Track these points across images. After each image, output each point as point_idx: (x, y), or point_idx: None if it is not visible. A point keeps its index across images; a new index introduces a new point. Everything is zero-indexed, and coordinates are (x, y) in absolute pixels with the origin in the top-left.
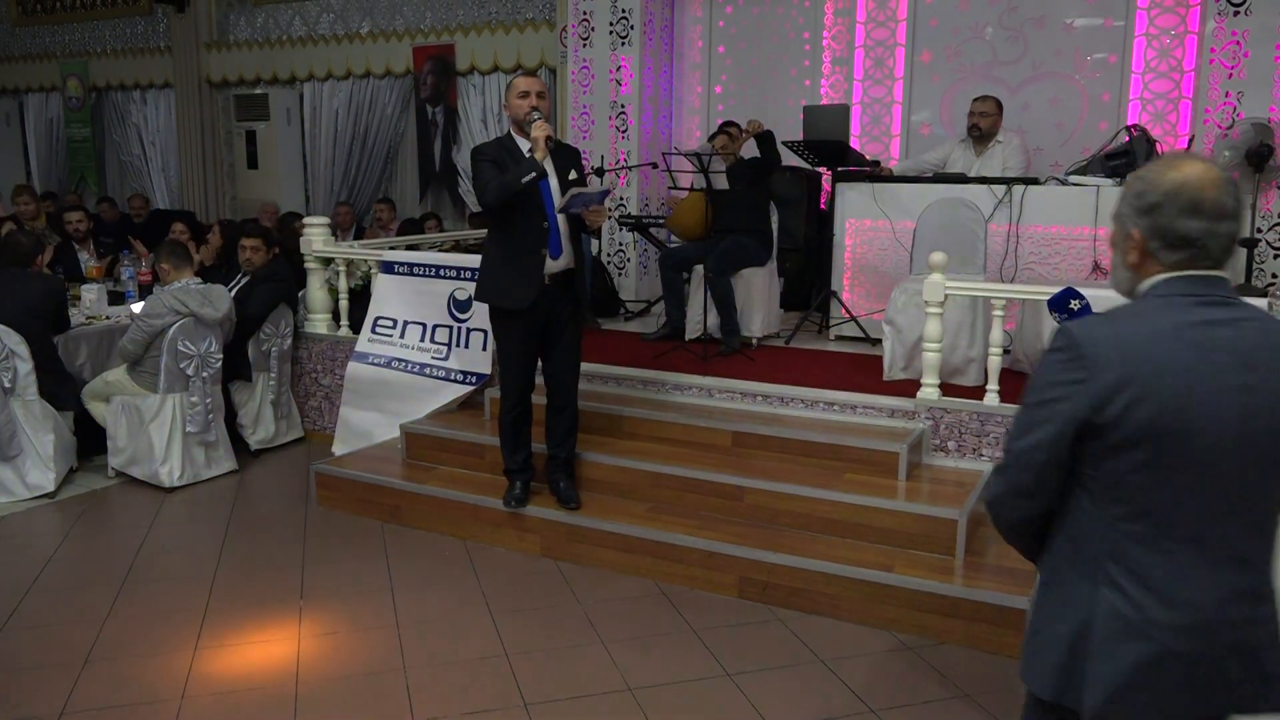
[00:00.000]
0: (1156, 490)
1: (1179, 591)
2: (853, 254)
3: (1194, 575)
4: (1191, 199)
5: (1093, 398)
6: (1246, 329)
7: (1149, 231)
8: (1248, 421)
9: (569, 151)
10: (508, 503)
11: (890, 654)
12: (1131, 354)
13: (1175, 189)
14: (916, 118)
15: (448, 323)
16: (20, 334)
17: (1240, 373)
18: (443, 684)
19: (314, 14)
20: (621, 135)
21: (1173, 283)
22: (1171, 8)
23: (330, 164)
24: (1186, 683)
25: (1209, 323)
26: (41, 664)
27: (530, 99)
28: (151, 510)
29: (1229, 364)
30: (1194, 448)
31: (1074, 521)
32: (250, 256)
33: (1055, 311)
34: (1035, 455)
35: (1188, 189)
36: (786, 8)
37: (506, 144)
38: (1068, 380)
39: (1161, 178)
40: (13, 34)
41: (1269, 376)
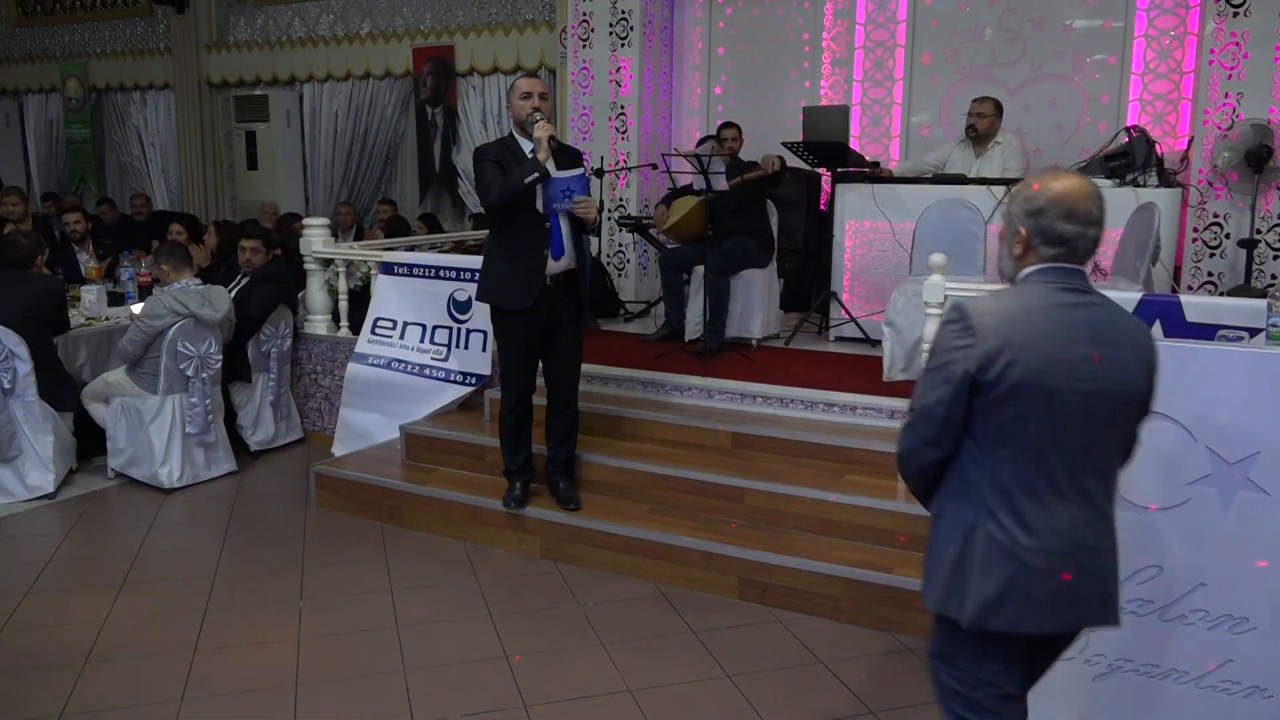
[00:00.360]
0: (1025, 438)
1: (1041, 521)
2: (852, 255)
3: (1052, 508)
4: (1069, 207)
5: (979, 359)
6: (1096, 311)
7: (1033, 230)
8: (1092, 384)
9: (571, 153)
10: (507, 504)
11: (890, 655)
12: (1009, 325)
13: (1056, 198)
14: (916, 119)
15: (447, 324)
16: (20, 335)
17: (1089, 345)
18: (443, 685)
19: (314, 15)
20: (621, 136)
21: (1045, 272)
22: (1171, 9)
23: (330, 165)
24: (1046, 598)
25: (1069, 305)
26: (41, 665)
27: (533, 100)
28: (151, 511)
29: (1082, 337)
30: (1053, 404)
31: (962, 465)
32: (250, 257)
33: None
34: (938, 410)
35: (1066, 199)
36: (786, 9)
37: (509, 144)
38: (960, 345)
39: (1047, 188)
40: (12, 35)
41: (1111, 349)
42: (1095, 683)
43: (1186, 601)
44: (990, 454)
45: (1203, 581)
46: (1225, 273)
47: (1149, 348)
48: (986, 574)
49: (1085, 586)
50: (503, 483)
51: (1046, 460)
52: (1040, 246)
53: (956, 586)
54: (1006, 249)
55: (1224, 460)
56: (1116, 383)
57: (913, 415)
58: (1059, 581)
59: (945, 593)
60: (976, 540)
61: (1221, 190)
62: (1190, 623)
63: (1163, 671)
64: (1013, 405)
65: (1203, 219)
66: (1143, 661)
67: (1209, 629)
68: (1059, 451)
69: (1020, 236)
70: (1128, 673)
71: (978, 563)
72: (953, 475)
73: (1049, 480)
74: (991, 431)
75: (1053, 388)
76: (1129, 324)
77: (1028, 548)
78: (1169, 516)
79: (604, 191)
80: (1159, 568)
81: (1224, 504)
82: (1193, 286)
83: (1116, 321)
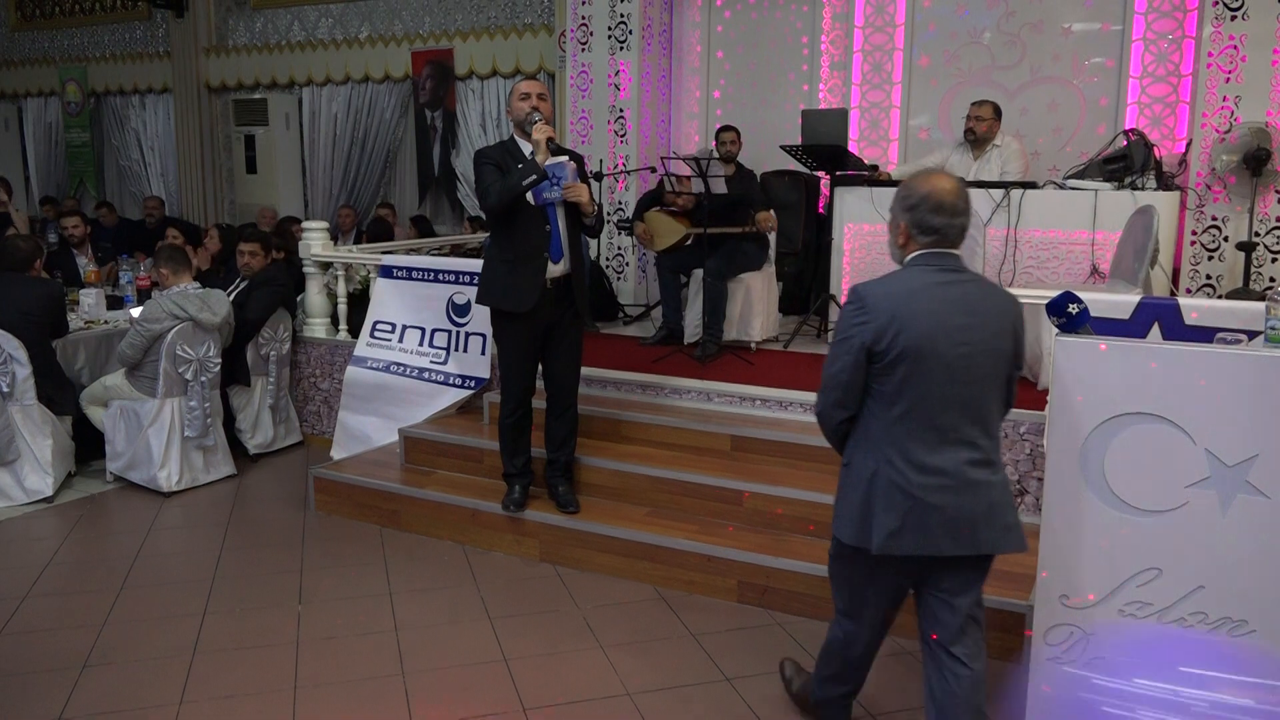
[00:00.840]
0: (913, 396)
1: (931, 462)
2: (851, 258)
3: (940, 451)
4: (937, 202)
5: (873, 332)
6: (968, 287)
7: (910, 223)
8: (966, 348)
9: (571, 157)
10: (506, 507)
11: (890, 658)
12: (896, 303)
13: (926, 195)
14: (915, 122)
15: (446, 327)
16: (18, 338)
17: (963, 316)
18: (441, 689)
19: (313, 19)
20: (620, 140)
21: (924, 256)
22: (1169, 13)
23: (329, 168)
24: (943, 527)
25: (945, 283)
26: (39, 669)
27: (531, 100)
28: (149, 515)
29: (956, 310)
30: (934, 366)
31: (865, 421)
32: (249, 261)
33: (1054, 315)
34: (842, 376)
35: (934, 195)
36: (785, 12)
37: (509, 147)
38: (858, 322)
39: (920, 187)
40: (12, 39)
41: (982, 319)
42: (1095, 685)
43: (1185, 604)
44: (886, 410)
45: (1202, 584)
46: (1224, 275)
47: (1013, 314)
48: (888, 509)
49: (976, 516)
50: (502, 486)
51: (932, 413)
52: (918, 235)
53: (866, 521)
54: (893, 240)
55: (1223, 463)
56: (987, 345)
57: (826, 381)
58: (948, 512)
59: (858, 527)
60: (879, 482)
61: (1220, 193)
62: (1189, 625)
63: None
64: (902, 369)
65: (1201, 222)
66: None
67: (1208, 632)
68: (943, 405)
69: (901, 229)
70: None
71: (880, 500)
72: (858, 430)
73: (935, 429)
74: (887, 392)
75: (933, 352)
76: (996, 295)
77: (920, 485)
78: (1168, 519)
79: (603, 195)
80: (1158, 570)
81: (1223, 507)
82: (1191, 289)
83: (985, 294)
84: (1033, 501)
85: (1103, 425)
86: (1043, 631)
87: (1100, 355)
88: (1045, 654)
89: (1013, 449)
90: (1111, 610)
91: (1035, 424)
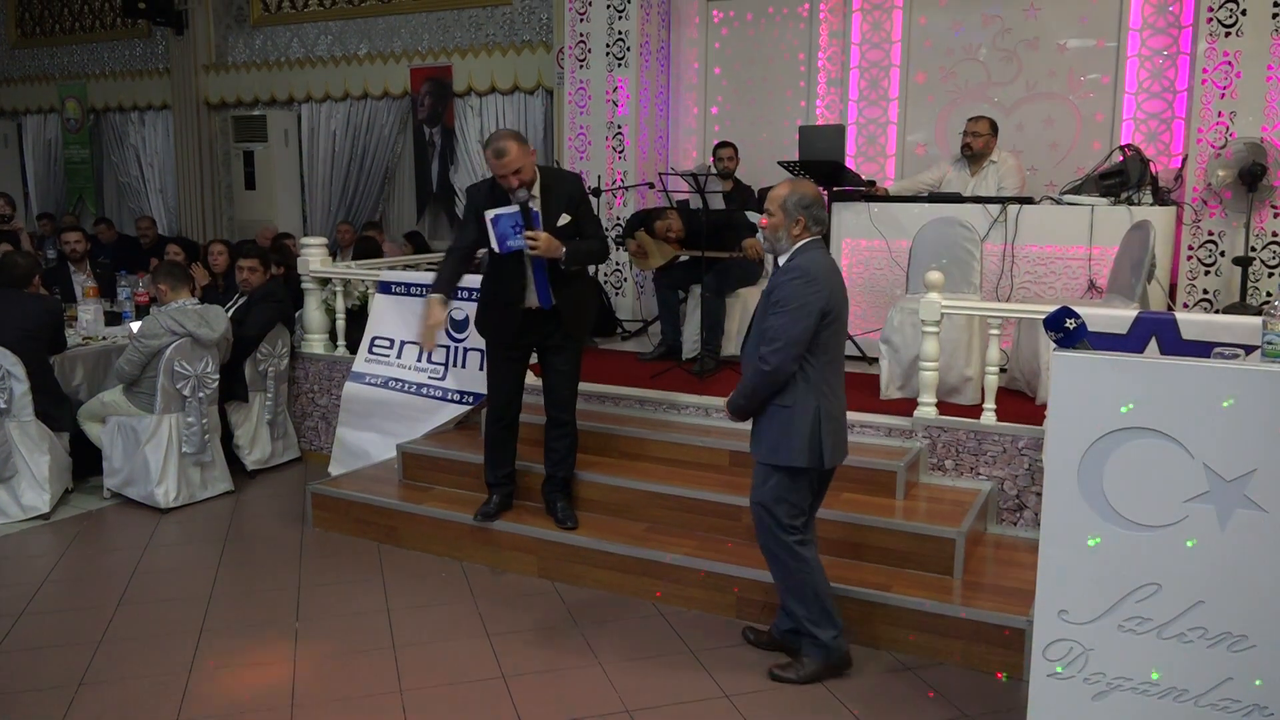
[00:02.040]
0: (833, 347)
1: (840, 395)
2: (849, 273)
3: (841, 385)
4: (818, 201)
5: (824, 299)
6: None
7: (808, 217)
8: (845, 309)
9: (565, 184)
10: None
11: (889, 674)
12: (828, 275)
13: (815, 197)
14: (912, 138)
15: (444, 342)
16: (16, 354)
17: (843, 284)
18: (440, 706)
19: (312, 36)
20: (618, 156)
21: (816, 242)
22: (1163, 29)
23: (328, 185)
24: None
25: (832, 261)
26: (36, 686)
27: (509, 180)
28: (147, 531)
29: (840, 280)
30: (843, 323)
31: (806, 370)
32: (247, 277)
33: (1051, 330)
34: (804, 337)
35: (818, 197)
36: (782, 30)
37: (497, 194)
38: (814, 291)
39: (809, 191)
40: (11, 56)
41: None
42: (1094, 701)
43: (1185, 619)
44: (819, 360)
45: (1201, 599)
46: (1220, 290)
47: None
48: (829, 434)
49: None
50: None
51: (839, 357)
52: (812, 226)
53: (815, 445)
54: (785, 232)
55: (1221, 477)
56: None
57: (784, 344)
58: (846, 431)
59: (809, 452)
60: (821, 414)
61: (1216, 208)
62: (1189, 640)
63: (1162, 690)
64: (830, 327)
65: (1197, 237)
66: (1142, 680)
67: (1208, 647)
68: (841, 351)
69: (800, 222)
70: (1126, 691)
71: (824, 428)
72: (799, 377)
73: (839, 369)
74: (820, 346)
75: (843, 313)
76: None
77: (840, 411)
78: (1167, 534)
79: (601, 211)
80: (1157, 585)
81: (1222, 521)
82: (1188, 304)
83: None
84: (1031, 516)
85: (1101, 440)
86: (1042, 647)
87: (1098, 370)
88: (1044, 669)
89: (1011, 464)
90: (1111, 626)
91: (1034, 439)
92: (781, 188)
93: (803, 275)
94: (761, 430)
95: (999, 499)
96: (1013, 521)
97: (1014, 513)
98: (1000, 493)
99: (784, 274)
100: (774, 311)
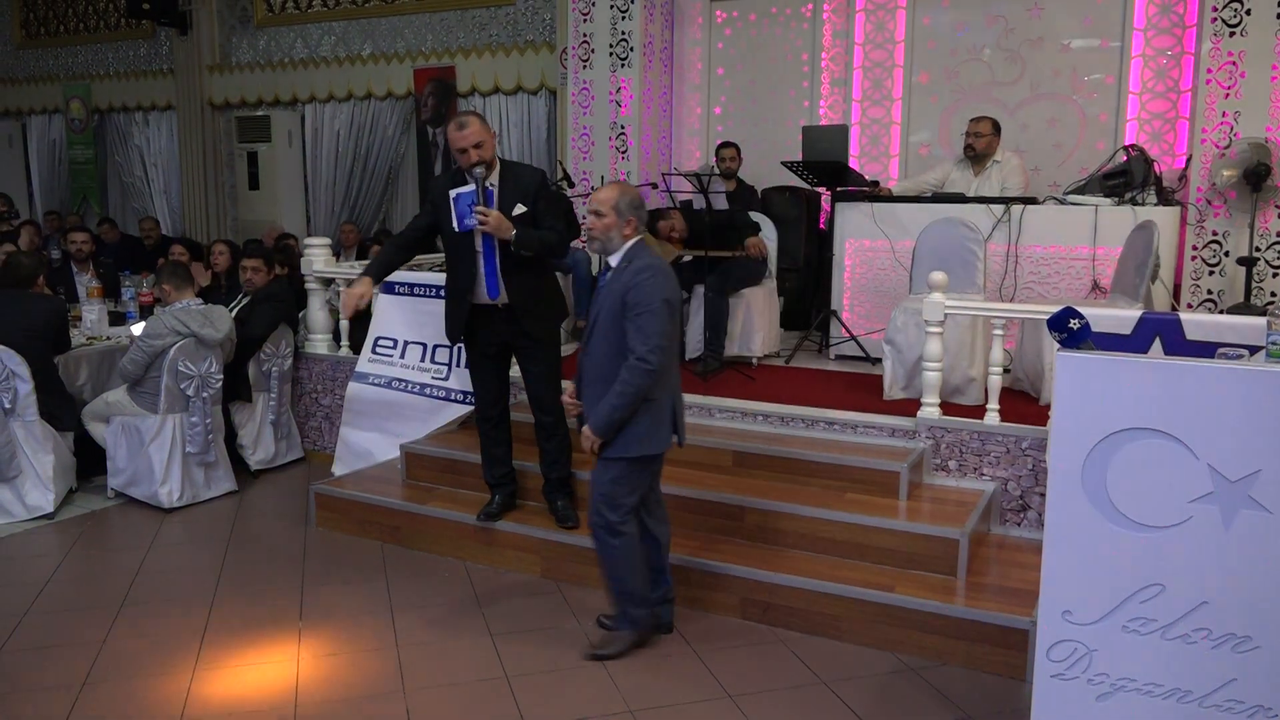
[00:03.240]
0: (675, 340)
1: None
2: (852, 274)
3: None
4: (643, 203)
5: (676, 294)
6: None
7: (638, 218)
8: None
9: (525, 176)
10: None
11: (892, 675)
12: (667, 269)
13: (641, 199)
14: (915, 138)
15: (448, 343)
16: (21, 355)
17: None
18: (443, 706)
19: (316, 36)
20: (621, 156)
21: (641, 240)
22: (1168, 29)
23: (331, 185)
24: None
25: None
26: (40, 685)
27: (469, 156)
28: (151, 531)
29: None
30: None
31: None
32: (251, 276)
33: (1055, 330)
34: (672, 329)
35: (642, 199)
36: (785, 30)
37: (456, 178)
38: (669, 286)
39: (636, 194)
40: (16, 56)
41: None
42: (1098, 703)
43: (1189, 620)
44: (669, 355)
45: (1205, 600)
46: (1225, 290)
47: None
48: (680, 416)
49: None
50: None
51: (675, 345)
52: (640, 227)
53: (664, 434)
54: (618, 232)
55: (1225, 478)
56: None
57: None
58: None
59: (658, 440)
60: (674, 406)
61: (1220, 208)
62: (1193, 641)
63: (1166, 691)
64: (675, 318)
65: (1202, 237)
66: (1145, 681)
67: (1212, 648)
68: (677, 339)
69: (631, 222)
70: (1130, 692)
71: (665, 416)
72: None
73: (676, 356)
74: (669, 339)
75: (680, 304)
76: None
77: (680, 394)
78: (1170, 535)
79: None
80: (1161, 586)
81: (1226, 522)
82: (1192, 304)
83: None
84: (1035, 517)
85: (1105, 441)
86: (1045, 648)
87: (1102, 370)
88: (1048, 670)
89: (1015, 464)
90: (1115, 627)
91: (1037, 439)
92: (610, 190)
93: (655, 273)
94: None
95: (1002, 500)
96: (1016, 522)
97: (1017, 513)
98: (1004, 493)
99: (635, 275)
100: (639, 312)
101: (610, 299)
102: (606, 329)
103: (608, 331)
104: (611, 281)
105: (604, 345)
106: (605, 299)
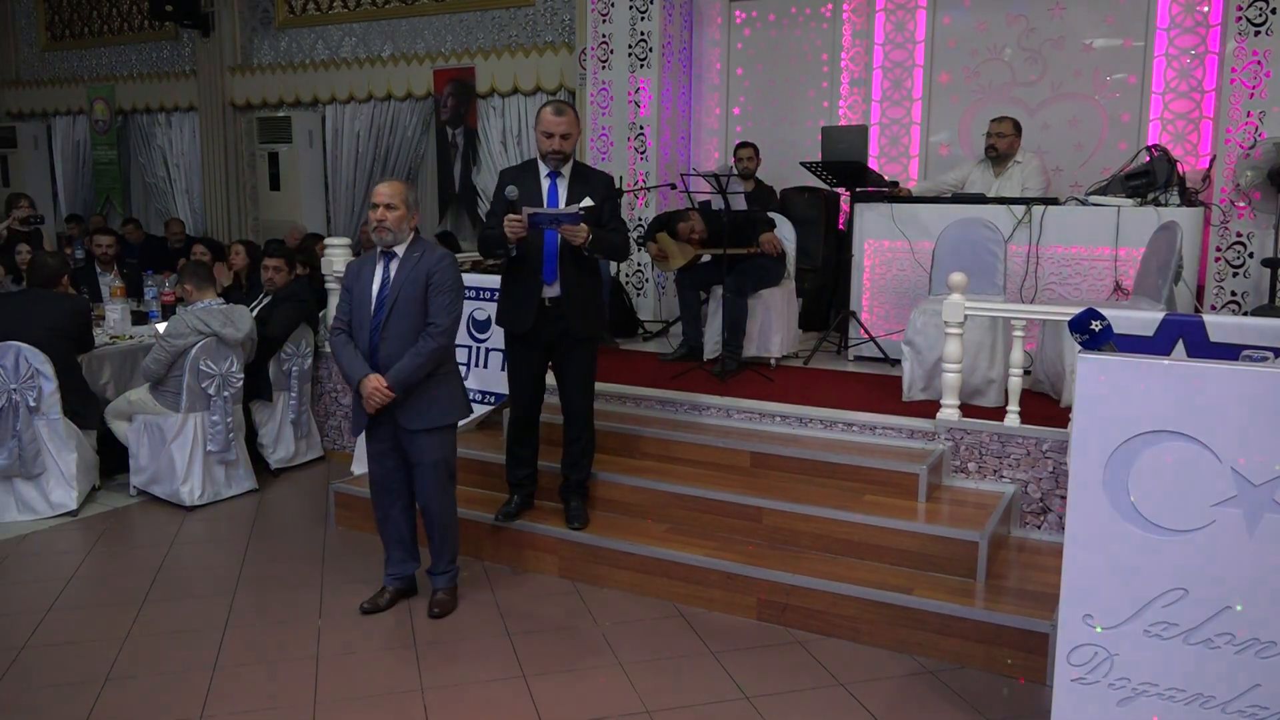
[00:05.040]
0: None
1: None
2: (871, 274)
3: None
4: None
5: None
6: None
7: (418, 211)
8: None
9: (596, 179)
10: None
11: (911, 678)
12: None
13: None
14: (935, 138)
15: (466, 343)
16: (45, 353)
17: None
18: (461, 705)
19: (336, 38)
20: (640, 156)
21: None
22: (1191, 28)
23: (351, 185)
24: None
25: None
26: (62, 682)
27: (554, 142)
28: (172, 529)
29: None
30: None
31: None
32: (272, 276)
33: (1077, 332)
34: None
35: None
36: (804, 30)
37: (530, 168)
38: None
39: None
40: (41, 58)
41: None
42: (1119, 707)
43: (1212, 625)
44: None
45: (1229, 605)
46: (1249, 292)
47: None
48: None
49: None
50: None
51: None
52: (417, 216)
53: (467, 401)
54: (407, 223)
55: (1250, 482)
56: None
57: (456, 318)
58: None
59: (466, 405)
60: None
61: (1244, 209)
62: (1216, 647)
63: (1188, 697)
64: None
65: (1225, 238)
66: (1168, 686)
67: (1235, 653)
68: None
69: (415, 215)
70: (1152, 697)
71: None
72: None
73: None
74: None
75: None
76: None
77: None
78: (1193, 539)
79: (623, 211)
80: (1183, 590)
81: (1250, 526)
82: (1216, 306)
83: None
84: (1055, 520)
85: (1127, 443)
86: (1066, 652)
87: (1124, 372)
88: (1069, 674)
89: (1035, 467)
90: (1136, 631)
91: (1058, 442)
92: (397, 185)
93: (452, 260)
94: (434, 399)
95: (1023, 502)
96: (1036, 525)
97: (1038, 516)
98: (1024, 496)
99: (438, 260)
100: (440, 293)
101: (411, 284)
102: (406, 308)
103: (408, 311)
104: (406, 269)
105: (404, 323)
106: (404, 284)
